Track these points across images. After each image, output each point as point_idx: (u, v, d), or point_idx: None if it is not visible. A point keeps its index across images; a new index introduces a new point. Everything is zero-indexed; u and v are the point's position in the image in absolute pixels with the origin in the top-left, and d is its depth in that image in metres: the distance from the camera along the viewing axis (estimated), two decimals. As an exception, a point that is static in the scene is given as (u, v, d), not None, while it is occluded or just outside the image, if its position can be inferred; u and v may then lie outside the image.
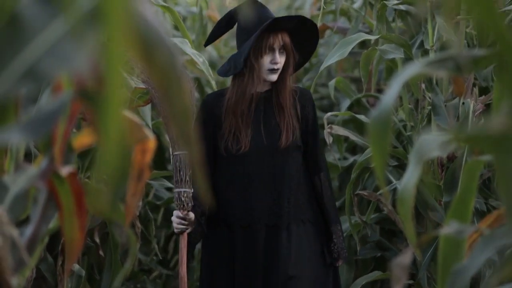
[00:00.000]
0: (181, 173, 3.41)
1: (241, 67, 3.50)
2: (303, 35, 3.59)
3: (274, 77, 3.55)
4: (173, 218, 3.49)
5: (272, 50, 3.53)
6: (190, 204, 3.45)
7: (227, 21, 3.67)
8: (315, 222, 3.67)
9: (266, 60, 3.53)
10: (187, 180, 3.42)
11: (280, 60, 3.54)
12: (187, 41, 3.78)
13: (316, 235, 3.66)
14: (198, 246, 4.08)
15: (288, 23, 3.55)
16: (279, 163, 3.58)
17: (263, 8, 3.58)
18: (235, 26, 3.68)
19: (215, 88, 4.00)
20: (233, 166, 3.60)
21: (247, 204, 3.57)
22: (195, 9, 6.68)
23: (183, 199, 3.43)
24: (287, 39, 3.55)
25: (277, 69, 3.54)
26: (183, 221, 3.46)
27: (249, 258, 3.55)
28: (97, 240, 4.14)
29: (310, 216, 3.65)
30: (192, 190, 3.45)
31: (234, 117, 3.55)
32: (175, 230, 3.49)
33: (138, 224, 4.20)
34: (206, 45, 3.76)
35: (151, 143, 1.82)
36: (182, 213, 3.45)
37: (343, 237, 3.73)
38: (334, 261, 3.68)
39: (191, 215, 3.48)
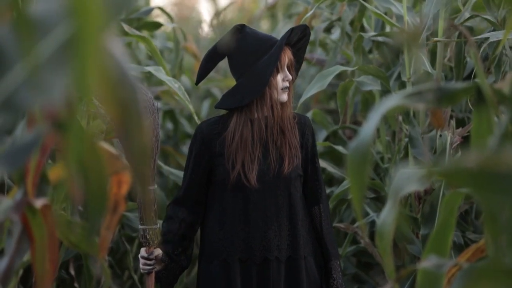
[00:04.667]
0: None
1: (263, 88, 3.31)
2: (297, 51, 3.43)
3: (286, 96, 3.37)
4: (139, 257, 3.38)
5: (281, 67, 3.35)
6: (156, 241, 3.33)
7: (215, 54, 3.45)
8: (315, 256, 3.45)
9: (279, 78, 3.34)
10: (152, 216, 3.30)
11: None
12: (161, 68, 3.74)
13: (317, 270, 3.44)
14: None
15: (297, 34, 3.37)
16: (281, 193, 3.36)
17: (255, 30, 3.44)
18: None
19: (195, 116, 3.90)
20: (232, 197, 3.35)
21: (247, 236, 3.34)
22: (170, 44, 6.70)
23: (148, 236, 3.31)
24: (290, 54, 3.39)
25: (288, 87, 3.37)
26: (147, 261, 3.34)
27: None
28: (72, 272, 4.10)
29: (310, 250, 3.43)
30: (158, 226, 3.34)
31: (241, 147, 3.33)
32: (141, 271, 3.37)
33: (105, 257, 4.14)
34: (197, 83, 3.50)
35: (128, 174, 1.79)
36: (147, 252, 3.33)
37: (342, 272, 3.51)
38: None
39: (157, 252, 3.35)
